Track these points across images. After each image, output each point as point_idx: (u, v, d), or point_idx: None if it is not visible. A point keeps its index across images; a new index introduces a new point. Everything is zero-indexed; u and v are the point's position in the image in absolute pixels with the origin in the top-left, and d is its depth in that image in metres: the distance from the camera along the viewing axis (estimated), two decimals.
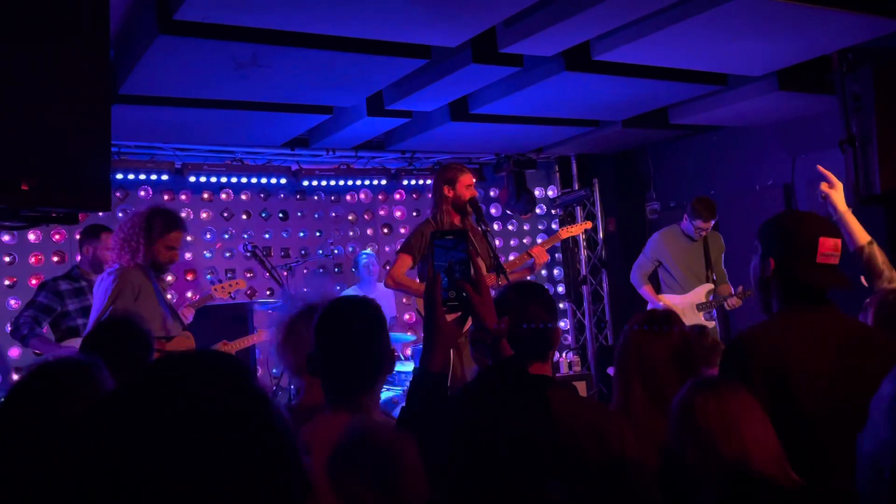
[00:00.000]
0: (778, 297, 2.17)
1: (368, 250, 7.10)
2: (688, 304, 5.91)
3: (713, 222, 5.77)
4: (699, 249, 5.94)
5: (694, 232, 5.82)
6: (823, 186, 2.95)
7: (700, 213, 5.70)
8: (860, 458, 1.08)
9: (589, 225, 6.20)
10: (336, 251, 7.64)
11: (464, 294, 1.67)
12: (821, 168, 3.04)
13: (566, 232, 5.72)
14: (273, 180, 7.22)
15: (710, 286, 5.92)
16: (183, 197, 7.07)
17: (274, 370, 6.15)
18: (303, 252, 7.49)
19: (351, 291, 6.90)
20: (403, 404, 5.34)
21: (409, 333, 7.05)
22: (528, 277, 4.99)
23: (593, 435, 1.95)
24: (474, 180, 4.68)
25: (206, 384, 0.84)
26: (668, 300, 5.93)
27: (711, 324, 5.90)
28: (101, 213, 5.06)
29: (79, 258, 4.91)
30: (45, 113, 2.57)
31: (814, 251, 2.11)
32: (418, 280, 4.72)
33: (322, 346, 1.95)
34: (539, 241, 8.30)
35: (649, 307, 6.03)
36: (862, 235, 2.89)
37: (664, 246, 6.00)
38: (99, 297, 3.94)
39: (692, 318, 5.84)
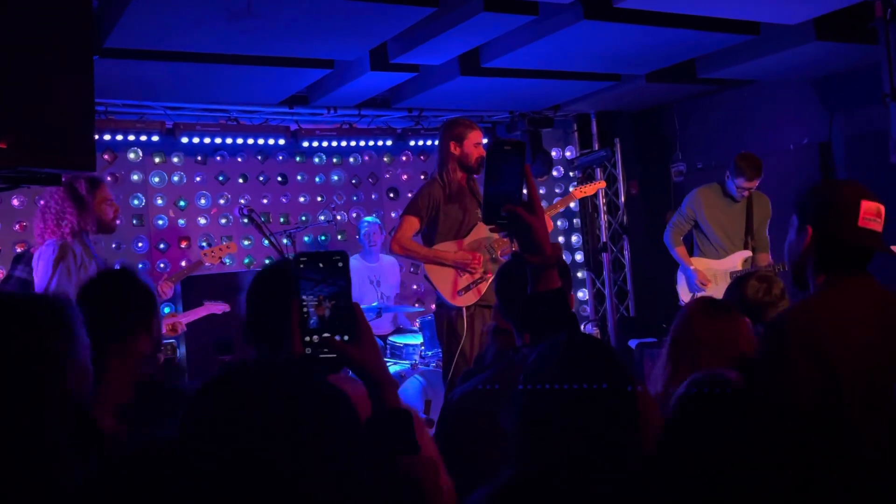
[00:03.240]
0: (815, 270, 2.18)
1: (372, 217, 7.07)
2: (721, 270, 5.85)
3: (758, 182, 5.65)
4: (741, 212, 5.85)
5: (736, 192, 5.72)
6: None
7: (743, 170, 5.59)
8: None
9: (604, 184, 6.14)
10: (339, 217, 7.63)
11: (515, 213, 1.62)
12: None
13: (580, 192, 5.68)
14: (271, 141, 7.19)
15: (749, 253, 5.85)
16: (175, 159, 7.05)
17: None
18: (303, 218, 7.48)
19: (354, 260, 6.90)
20: (412, 378, 5.30)
21: (416, 305, 7.06)
22: None
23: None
24: (484, 140, 4.64)
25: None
26: (701, 264, 5.88)
27: None
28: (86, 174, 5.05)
29: None
30: (22, 66, 2.55)
31: (856, 213, 2.13)
32: (425, 244, 4.71)
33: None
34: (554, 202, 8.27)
35: (679, 271, 5.99)
36: None
37: (701, 204, 5.92)
38: (40, 270, 4.06)
39: (724, 286, 5.80)
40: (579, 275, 8.53)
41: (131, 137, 6.64)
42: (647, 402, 2.05)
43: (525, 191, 1.66)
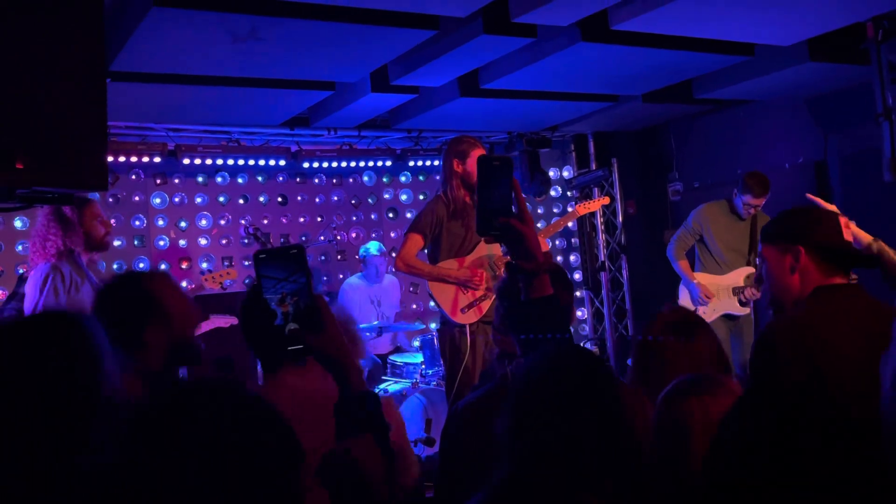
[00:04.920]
0: (805, 284, 2.28)
1: (376, 245, 7.06)
2: (724, 285, 5.93)
3: (764, 199, 5.73)
4: (745, 229, 5.94)
5: (743, 209, 5.81)
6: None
7: (751, 188, 5.67)
8: (884, 378, 1.16)
9: (607, 200, 6.20)
10: (339, 237, 7.70)
11: (507, 224, 1.71)
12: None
13: (583, 208, 5.73)
14: (272, 162, 7.28)
15: (751, 269, 5.93)
16: (176, 180, 7.14)
17: None
18: (303, 238, 7.55)
19: (354, 280, 6.96)
20: (412, 397, 5.36)
21: (416, 322, 7.12)
22: None
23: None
24: None
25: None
26: (704, 279, 5.95)
27: (746, 310, 5.93)
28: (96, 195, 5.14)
29: None
30: (39, 89, 2.63)
31: (837, 226, 2.33)
32: (429, 262, 4.77)
33: None
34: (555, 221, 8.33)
35: (681, 285, 6.05)
36: (865, 235, 2.98)
37: (708, 219, 5.99)
38: (28, 295, 4.11)
39: (727, 301, 5.88)
40: (578, 294, 8.60)
41: (133, 159, 6.72)
42: (642, 406, 2.11)
43: (515, 203, 1.75)
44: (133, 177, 6.94)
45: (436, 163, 7.97)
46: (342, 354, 1.56)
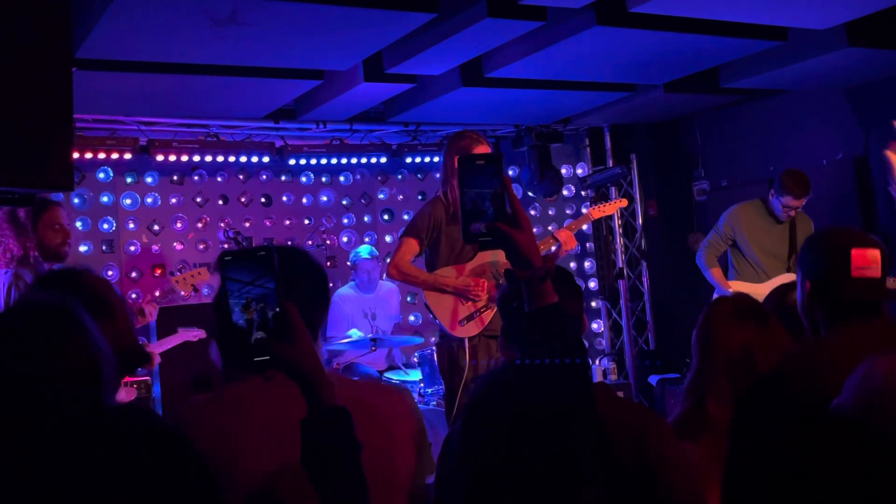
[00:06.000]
0: (823, 320, 2.35)
1: (368, 249, 7.07)
2: (762, 295, 5.90)
3: (805, 200, 5.73)
4: (784, 232, 5.94)
5: (782, 211, 5.81)
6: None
7: (790, 188, 5.67)
8: None
9: (625, 203, 6.18)
10: (328, 241, 7.71)
11: (494, 228, 1.71)
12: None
13: (598, 211, 5.73)
14: (254, 159, 7.27)
15: (793, 276, 5.91)
16: (149, 179, 7.15)
17: None
18: (289, 243, 7.55)
19: (346, 291, 6.97)
20: None
21: (415, 335, 7.12)
22: None
23: (629, 437, 2.02)
24: None
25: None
26: (741, 288, 5.93)
27: None
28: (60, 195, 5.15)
29: None
30: None
31: (847, 265, 2.29)
32: (426, 269, 4.78)
33: None
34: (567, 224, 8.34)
35: (716, 295, 6.04)
36: None
37: (741, 221, 6.00)
38: None
39: None
40: (593, 304, 8.60)
41: (101, 155, 6.70)
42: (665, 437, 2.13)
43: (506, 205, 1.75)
44: (101, 175, 6.95)
45: (435, 159, 7.98)
46: (313, 369, 1.56)
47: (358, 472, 1.54)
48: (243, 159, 7.25)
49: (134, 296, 6.99)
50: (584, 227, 8.05)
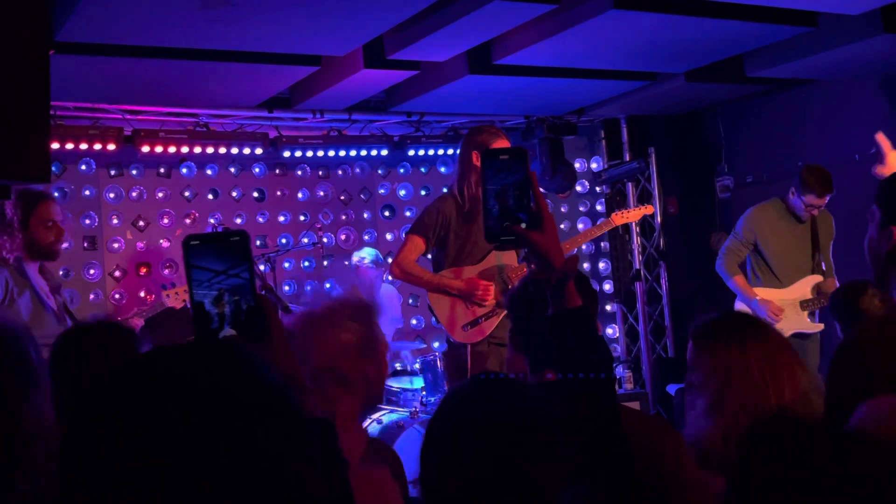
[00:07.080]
0: None
1: (374, 252, 7.06)
2: (790, 300, 5.91)
3: (828, 198, 5.73)
4: (805, 232, 5.95)
5: (803, 210, 5.81)
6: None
7: (812, 186, 5.67)
8: None
9: (650, 210, 6.18)
10: (325, 239, 7.69)
11: (521, 225, 1.70)
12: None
13: (620, 217, 5.73)
14: (246, 150, 7.25)
15: (818, 278, 5.92)
16: (134, 172, 7.14)
17: None
18: (283, 240, 7.55)
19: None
20: (412, 429, 5.37)
21: (416, 340, 7.11)
22: None
23: (643, 450, 2.00)
24: None
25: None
26: (767, 294, 5.92)
27: (819, 326, 5.91)
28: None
29: None
30: None
31: None
32: (432, 269, 4.78)
33: None
34: (581, 227, 8.33)
35: (737, 303, 6.01)
36: None
37: (762, 223, 5.99)
38: None
39: (795, 318, 5.85)
40: (608, 308, 8.58)
41: (83, 146, 6.69)
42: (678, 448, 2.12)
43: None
44: (83, 167, 6.94)
45: (440, 152, 7.97)
46: (288, 370, 1.51)
47: (344, 490, 1.52)
48: (235, 151, 7.23)
49: (118, 296, 6.98)
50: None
